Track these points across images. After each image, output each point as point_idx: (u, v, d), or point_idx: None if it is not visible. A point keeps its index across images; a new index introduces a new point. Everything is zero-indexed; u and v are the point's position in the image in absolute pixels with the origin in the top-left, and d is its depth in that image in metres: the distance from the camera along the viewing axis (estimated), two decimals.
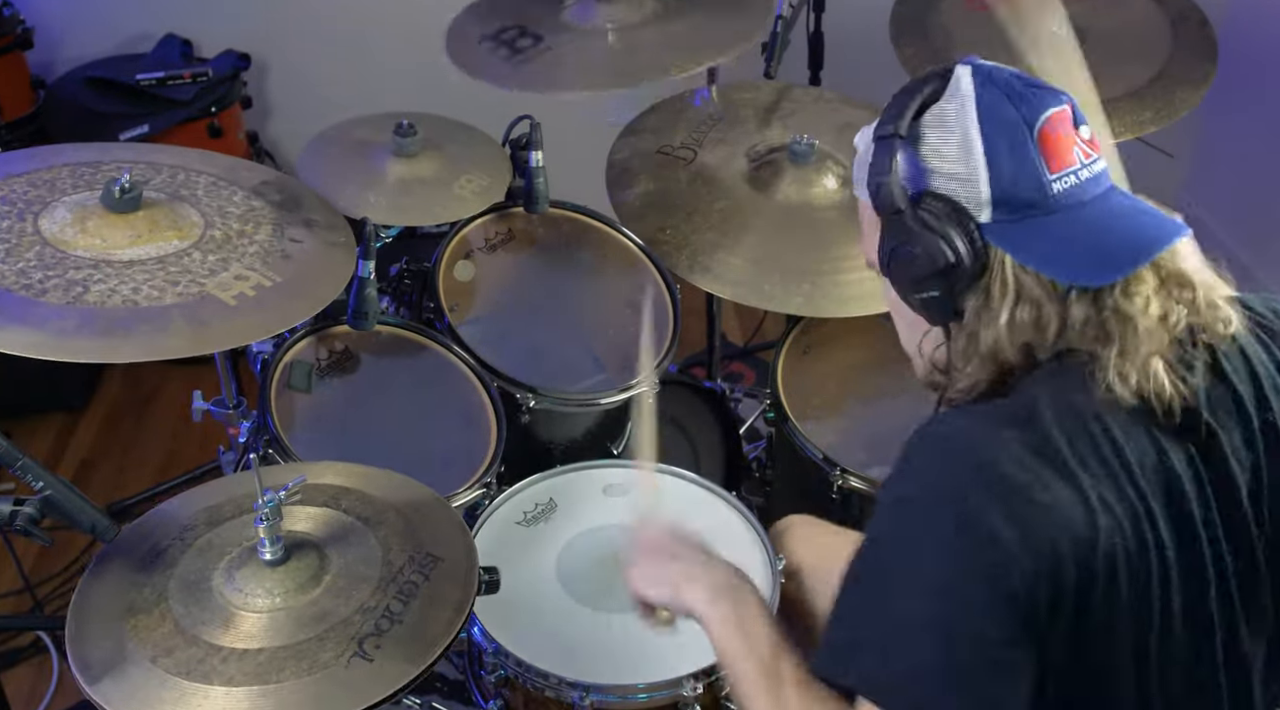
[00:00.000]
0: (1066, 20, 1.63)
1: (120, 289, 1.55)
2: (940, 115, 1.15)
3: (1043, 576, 1.03)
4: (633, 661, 1.59)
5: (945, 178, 1.14)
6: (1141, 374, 1.10)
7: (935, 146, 1.15)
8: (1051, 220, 1.12)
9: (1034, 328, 1.13)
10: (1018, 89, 1.14)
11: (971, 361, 1.17)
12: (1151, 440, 1.10)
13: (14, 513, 1.36)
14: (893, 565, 1.09)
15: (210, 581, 1.41)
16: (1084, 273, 1.11)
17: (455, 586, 1.43)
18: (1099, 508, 1.05)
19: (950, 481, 1.07)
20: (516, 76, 2.11)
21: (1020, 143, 1.12)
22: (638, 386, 1.68)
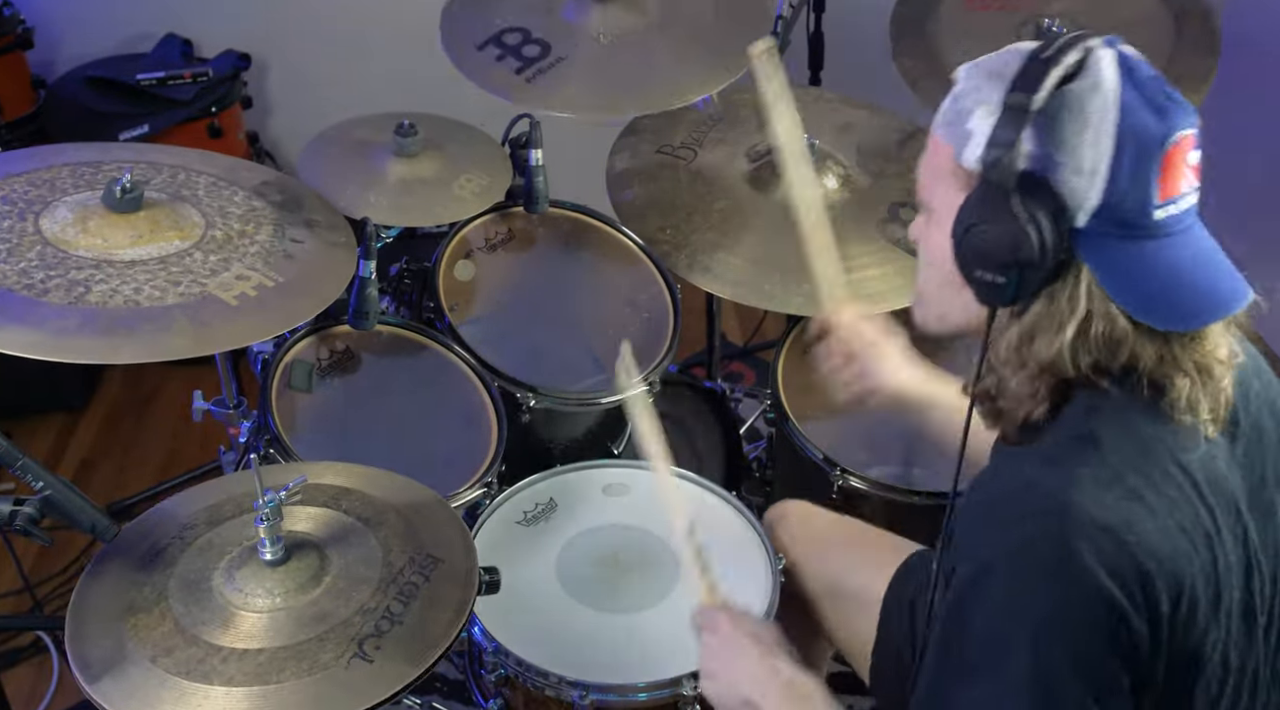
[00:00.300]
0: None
1: (122, 289, 1.55)
2: (1079, 101, 1.07)
3: (1143, 618, 1.04)
4: (632, 661, 1.59)
5: (1059, 168, 1.08)
6: (1211, 403, 1.11)
7: (1065, 134, 1.07)
8: (1141, 246, 1.09)
9: (1105, 350, 1.10)
10: (1159, 99, 1.09)
11: (1022, 370, 1.14)
12: (1213, 458, 1.12)
13: (14, 513, 1.36)
14: (991, 637, 1.07)
15: (210, 581, 1.41)
16: (1161, 316, 1.09)
17: (456, 587, 1.42)
18: (1178, 534, 1.06)
19: (1034, 539, 1.05)
20: (531, 94, 2.06)
21: (1146, 159, 1.07)
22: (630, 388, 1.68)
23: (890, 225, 2.09)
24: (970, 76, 1.15)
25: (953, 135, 1.15)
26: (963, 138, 1.13)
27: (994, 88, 1.11)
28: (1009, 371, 1.15)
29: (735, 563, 1.68)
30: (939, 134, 1.17)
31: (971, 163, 1.12)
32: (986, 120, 1.11)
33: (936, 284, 1.22)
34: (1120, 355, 1.10)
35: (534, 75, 2.06)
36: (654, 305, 2.15)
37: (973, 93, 1.13)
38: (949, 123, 1.16)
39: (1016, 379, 1.14)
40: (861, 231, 2.07)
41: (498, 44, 2.11)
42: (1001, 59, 1.14)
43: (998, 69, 1.12)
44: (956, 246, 1.14)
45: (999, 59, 1.14)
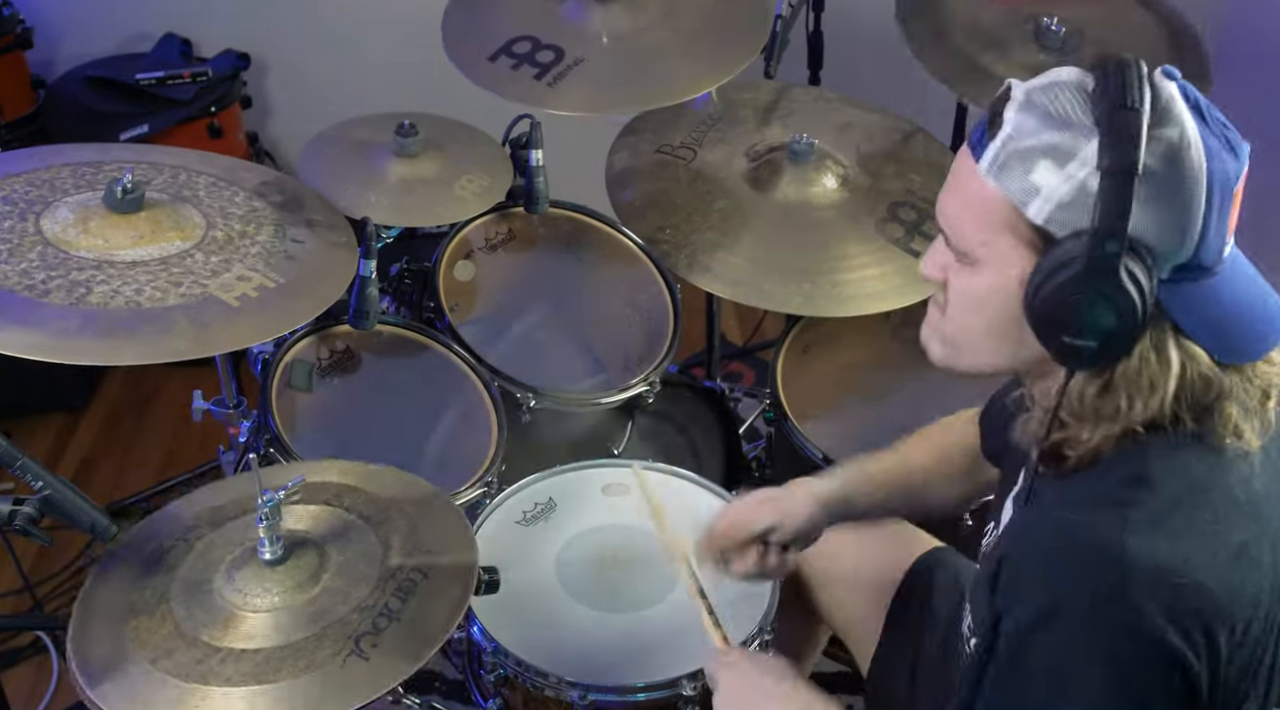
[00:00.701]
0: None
1: (123, 290, 1.55)
2: (1177, 159, 1.02)
3: (1203, 664, 1.02)
4: (632, 661, 1.59)
5: (1160, 228, 1.02)
6: (1260, 423, 1.10)
7: (1164, 192, 1.01)
8: (1210, 284, 1.06)
9: (1199, 396, 1.07)
10: (1226, 134, 1.05)
11: (1100, 423, 1.09)
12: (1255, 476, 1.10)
13: (13, 512, 1.36)
14: (1051, 688, 1.05)
15: (212, 583, 1.42)
16: (1239, 349, 1.08)
17: (455, 584, 1.43)
18: (1231, 565, 1.04)
19: (1094, 591, 1.02)
20: (556, 97, 2.06)
21: (1227, 204, 1.04)
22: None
23: (889, 225, 2.09)
24: (1023, 120, 1.06)
25: (1012, 185, 1.06)
26: (1027, 190, 1.05)
27: (1059, 135, 1.04)
28: (1084, 425, 1.10)
29: None
30: (989, 182, 1.07)
31: (1042, 220, 1.05)
32: (1057, 174, 1.03)
33: (981, 334, 1.15)
34: (1210, 396, 1.08)
35: (555, 80, 2.06)
36: (654, 305, 2.15)
37: (1030, 138, 1.05)
38: (1004, 169, 1.06)
39: (1093, 432, 1.10)
40: (861, 231, 2.07)
41: (509, 54, 2.11)
42: (1056, 98, 1.06)
43: (1058, 112, 1.05)
44: (1039, 312, 1.06)
45: (1052, 98, 1.06)
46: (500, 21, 2.17)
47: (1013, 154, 1.06)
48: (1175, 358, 1.06)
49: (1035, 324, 1.07)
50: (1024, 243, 1.07)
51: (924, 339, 1.23)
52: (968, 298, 1.15)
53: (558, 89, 2.05)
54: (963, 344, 1.18)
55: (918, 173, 2.20)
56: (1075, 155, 1.03)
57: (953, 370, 1.21)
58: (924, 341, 1.23)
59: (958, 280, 1.15)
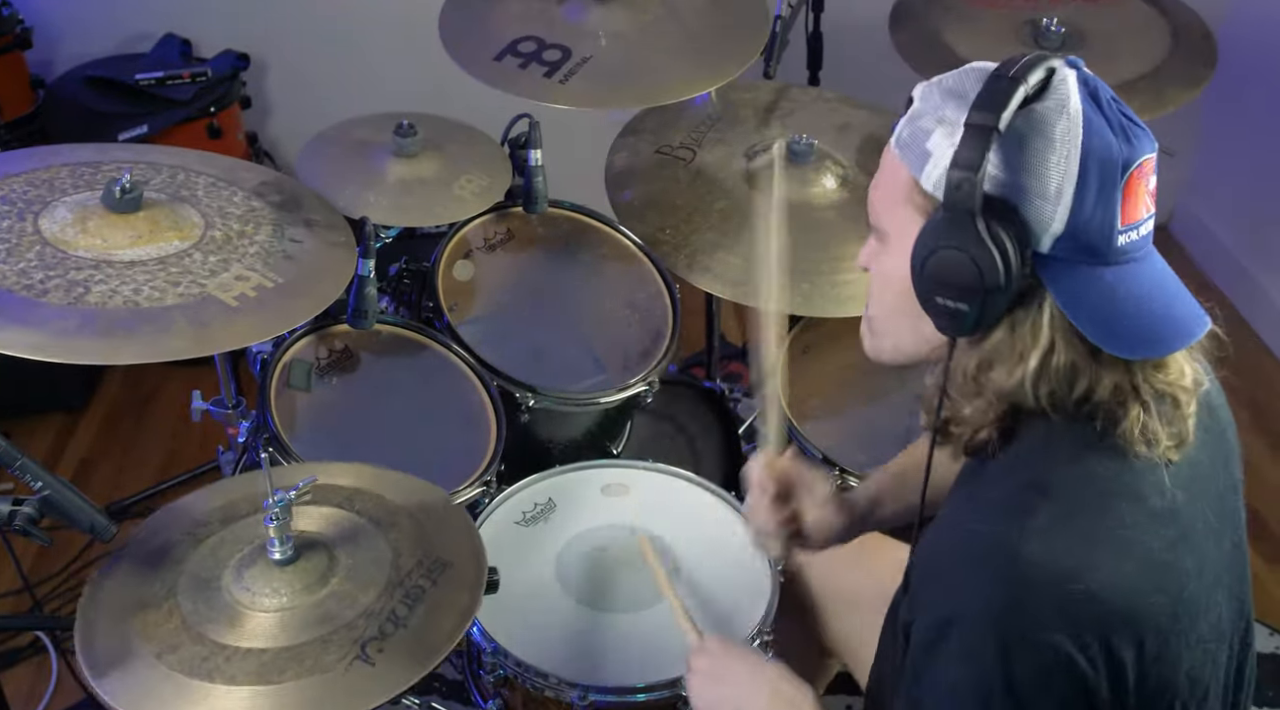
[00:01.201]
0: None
1: (121, 290, 1.55)
2: (1043, 122, 1.05)
3: (1102, 675, 1.02)
4: (631, 661, 1.59)
5: (1024, 192, 1.05)
6: (1174, 430, 1.10)
7: (1030, 156, 1.04)
8: (1103, 272, 1.06)
9: (1065, 381, 1.08)
10: (1121, 121, 1.06)
11: (978, 397, 1.11)
12: (1171, 486, 1.09)
13: (13, 512, 1.36)
14: (948, 697, 1.06)
15: (220, 580, 1.41)
16: (1127, 344, 1.07)
17: (462, 592, 1.42)
18: (1136, 574, 1.04)
19: (989, 600, 1.03)
20: (569, 93, 2.06)
21: (1110, 184, 1.04)
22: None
23: None
24: (928, 96, 1.12)
25: (910, 156, 1.11)
26: (921, 159, 1.10)
27: (954, 107, 1.08)
28: (963, 398, 1.12)
29: (735, 564, 1.69)
30: (895, 154, 1.13)
31: (931, 185, 1.09)
32: (947, 141, 1.07)
33: (889, 312, 1.19)
34: (1078, 386, 1.08)
35: (566, 77, 2.07)
36: (653, 305, 2.15)
37: (931, 112, 1.10)
38: (906, 144, 1.12)
39: (971, 406, 1.12)
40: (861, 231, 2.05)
41: (514, 53, 2.11)
42: (961, 78, 1.10)
43: (957, 88, 1.09)
44: (916, 273, 1.09)
45: (958, 78, 1.11)
46: (501, 23, 2.18)
47: (914, 128, 1.11)
48: (1045, 333, 1.07)
49: (915, 286, 1.10)
50: (920, 212, 1.11)
51: (861, 332, 1.25)
52: (881, 276, 1.19)
53: (570, 86, 2.06)
54: (879, 326, 1.22)
55: None
56: (959, 123, 1.06)
57: (877, 359, 1.23)
58: (861, 334, 1.25)
59: (876, 261, 1.19)
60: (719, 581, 1.69)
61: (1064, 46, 2.29)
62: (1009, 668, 1.02)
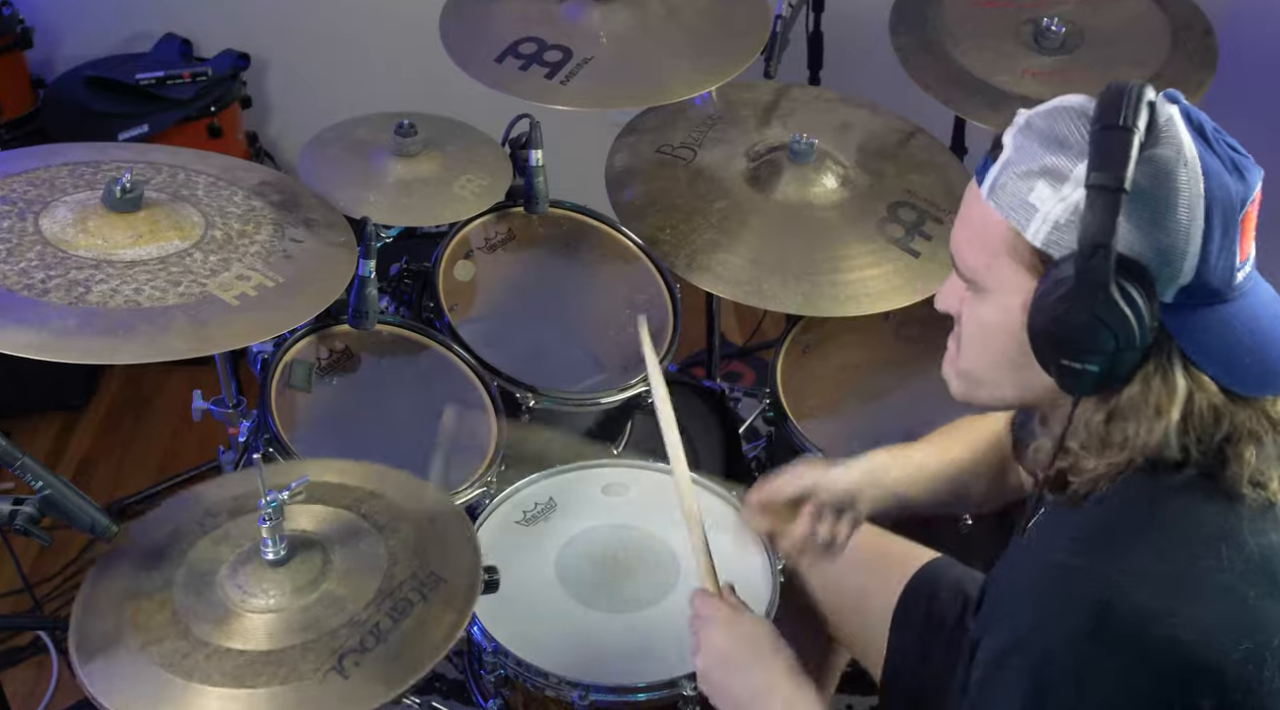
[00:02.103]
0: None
1: (122, 289, 1.55)
2: (1165, 174, 1.01)
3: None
4: (632, 661, 1.59)
5: (1152, 248, 1.00)
6: (1278, 476, 1.06)
7: (1154, 212, 1.00)
8: (1222, 311, 1.04)
9: (1209, 428, 1.04)
10: (1231, 156, 1.03)
11: (1106, 452, 1.07)
12: (1275, 529, 1.06)
13: (13, 512, 1.36)
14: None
15: (216, 575, 1.41)
16: (1255, 382, 1.04)
17: (450, 611, 1.38)
18: (1225, 621, 1.00)
19: (1066, 625, 1.01)
20: (570, 94, 2.07)
21: (1231, 226, 1.01)
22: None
23: (889, 225, 2.09)
24: (1022, 143, 1.07)
25: (1010, 209, 1.06)
26: (1024, 212, 1.05)
27: (1056, 157, 1.04)
28: (1089, 454, 1.08)
29: (735, 563, 1.68)
30: (990, 206, 1.08)
31: (1041, 242, 1.04)
32: (1053, 194, 1.03)
33: (991, 364, 1.15)
34: (1222, 428, 1.04)
35: (567, 78, 2.08)
36: (653, 305, 2.15)
37: (1028, 161, 1.05)
38: (1003, 194, 1.07)
39: (1097, 461, 1.08)
40: (861, 231, 2.07)
41: (515, 55, 2.12)
42: (1055, 120, 1.06)
43: (1055, 135, 1.05)
44: (1037, 335, 1.05)
45: (1051, 120, 1.06)
46: (501, 24, 2.18)
47: (1011, 176, 1.06)
48: (1181, 384, 1.04)
49: (1035, 347, 1.06)
50: (1025, 266, 1.07)
51: (944, 374, 1.22)
52: (978, 327, 1.14)
53: (571, 87, 2.06)
54: (978, 376, 1.17)
55: (918, 173, 2.20)
56: (1069, 176, 1.03)
57: (972, 404, 1.20)
58: (944, 376, 1.22)
59: (969, 310, 1.15)
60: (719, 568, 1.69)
61: (1064, 46, 2.29)
62: (1081, 698, 1.00)
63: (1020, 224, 1.06)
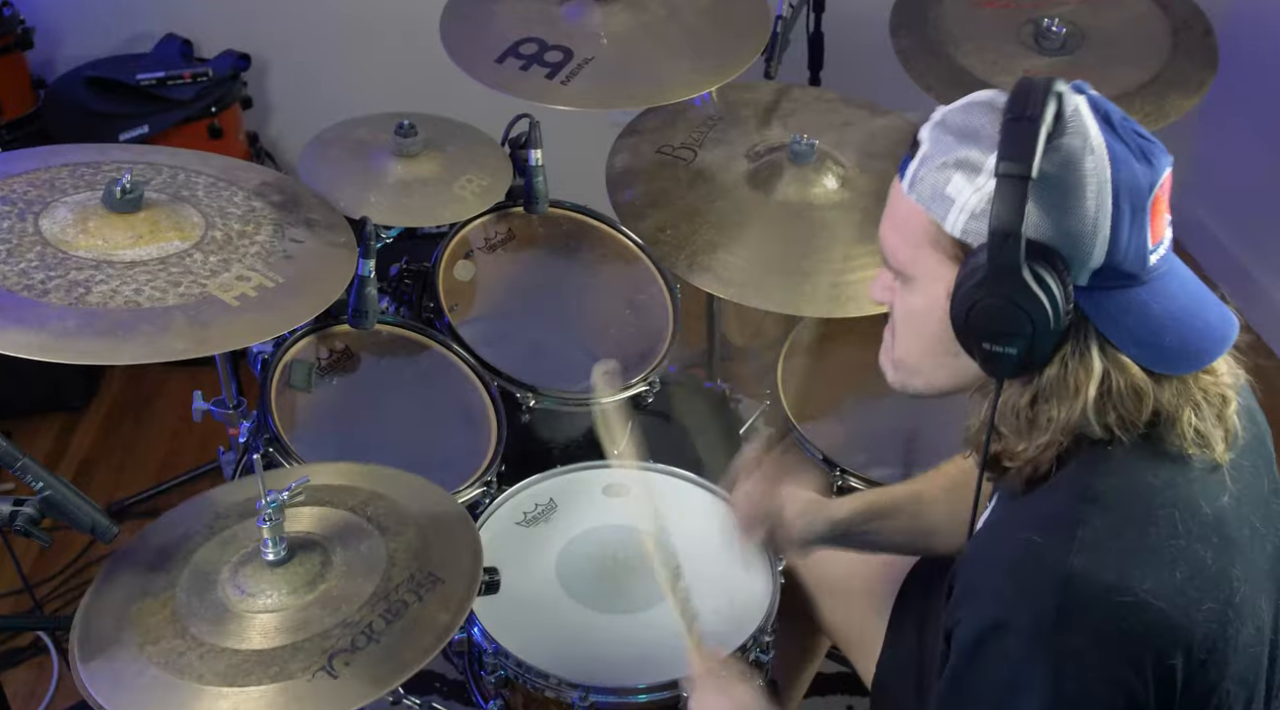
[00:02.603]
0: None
1: (122, 290, 1.55)
2: (1072, 161, 1.04)
3: (1150, 690, 1.02)
4: (632, 662, 1.59)
5: (1063, 233, 1.04)
6: (1223, 431, 1.10)
7: (1062, 198, 1.04)
8: (1138, 292, 1.07)
9: (1130, 404, 1.07)
10: (1139, 143, 1.06)
11: (1033, 433, 1.10)
12: (1222, 488, 1.09)
13: (14, 513, 1.36)
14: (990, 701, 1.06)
15: (219, 575, 1.41)
16: (1173, 361, 1.07)
17: (444, 612, 1.38)
18: (1186, 583, 1.03)
19: (1038, 614, 1.02)
20: (570, 94, 2.07)
21: (1140, 210, 1.04)
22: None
23: None
24: (938, 138, 1.10)
25: (929, 201, 1.10)
26: (942, 204, 1.09)
27: (970, 150, 1.08)
28: (1018, 437, 1.11)
29: (736, 564, 1.68)
30: (909, 198, 1.12)
31: (959, 232, 1.08)
32: (969, 185, 1.07)
33: (921, 352, 1.19)
34: (1145, 406, 1.07)
35: (568, 78, 2.08)
36: (653, 305, 2.15)
37: (943, 154, 1.09)
38: (922, 188, 1.11)
39: (1027, 443, 1.11)
40: (861, 231, 2.07)
41: (516, 55, 2.12)
42: (967, 115, 1.10)
43: (969, 129, 1.09)
44: (958, 321, 1.09)
45: (964, 115, 1.10)
46: (502, 25, 2.18)
47: (929, 170, 1.10)
48: (1097, 363, 1.07)
49: (958, 333, 1.10)
50: (947, 256, 1.10)
51: (880, 364, 1.26)
52: (908, 316, 1.19)
53: (572, 87, 2.06)
54: (911, 365, 1.21)
55: None
56: (983, 167, 1.06)
57: (906, 391, 1.23)
58: (881, 366, 1.26)
59: (899, 301, 1.19)
60: (720, 582, 1.69)
61: (1064, 47, 2.29)
62: (1058, 681, 1.02)
63: (939, 215, 1.09)
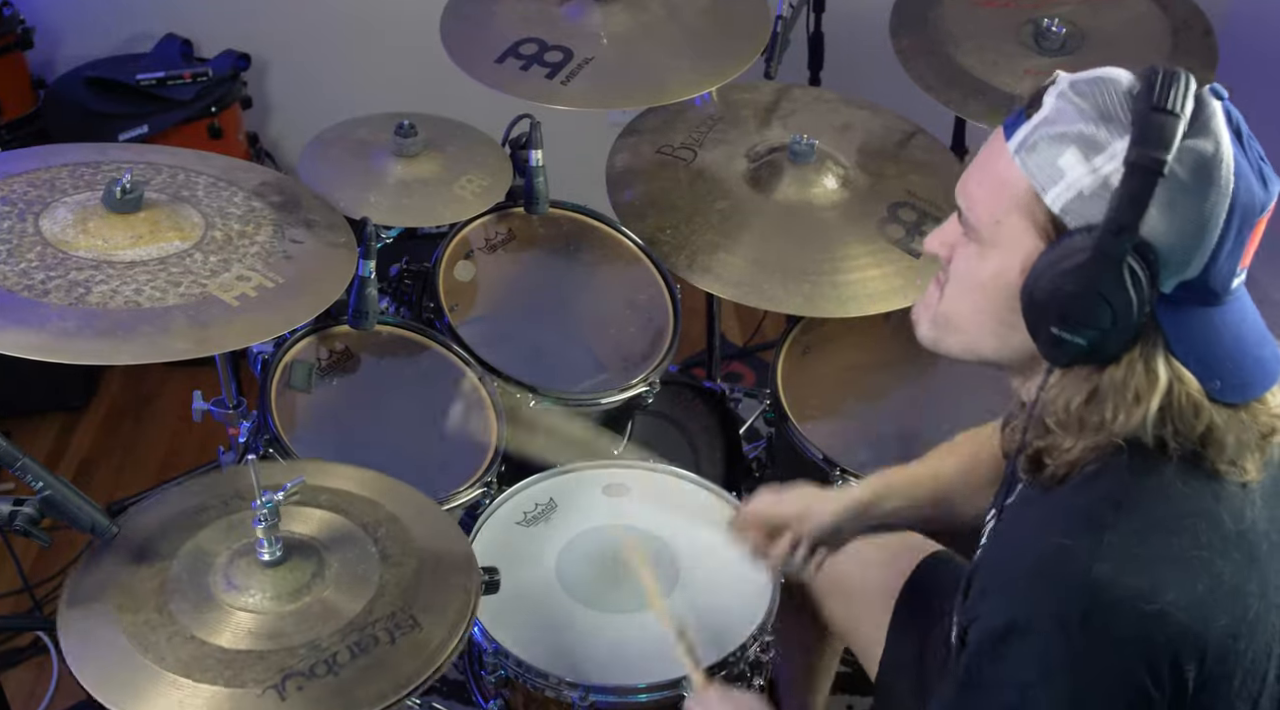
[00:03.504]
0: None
1: (122, 290, 1.55)
2: (1201, 166, 1.00)
3: (1166, 689, 1.01)
4: (632, 661, 1.59)
5: (1170, 236, 1.00)
6: (1259, 458, 1.08)
7: (1182, 200, 1.00)
8: (1214, 313, 1.05)
9: (1188, 420, 1.05)
10: (1259, 164, 1.03)
11: (1083, 433, 1.07)
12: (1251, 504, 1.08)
13: (14, 513, 1.36)
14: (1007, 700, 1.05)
15: (215, 559, 1.41)
16: (1230, 385, 1.05)
17: (411, 661, 1.32)
18: (1207, 596, 1.02)
19: (1061, 616, 1.02)
20: (570, 94, 2.07)
21: (1245, 231, 1.02)
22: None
23: (890, 225, 2.09)
24: (1063, 107, 1.05)
25: (1036, 167, 1.05)
26: (1050, 175, 1.04)
27: (1095, 127, 1.03)
28: (1067, 434, 1.08)
29: (736, 564, 1.68)
30: (1014, 159, 1.06)
31: (1059, 207, 1.04)
32: (1082, 164, 1.02)
33: (974, 312, 1.13)
34: (1201, 424, 1.05)
35: (568, 78, 2.08)
36: (654, 305, 2.15)
37: (1065, 124, 1.04)
38: (1032, 150, 1.05)
39: (1075, 442, 1.08)
40: (861, 231, 2.07)
41: (516, 55, 2.12)
42: (1099, 90, 1.04)
43: (1098, 105, 1.03)
44: (1035, 298, 1.05)
45: (1095, 89, 1.04)
46: (502, 25, 2.18)
47: (1044, 137, 1.05)
48: (1164, 374, 1.05)
49: (1028, 311, 1.06)
50: (1036, 228, 1.06)
51: (914, 315, 1.21)
52: (970, 277, 1.13)
53: (572, 87, 2.07)
54: (954, 323, 1.16)
55: (918, 173, 2.20)
56: (1105, 149, 1.02)
57: (936, 349, 1.19)
58: (914, 317, 1.21)
59: (963, 259, 1.14)
60: (720, 582, 1.69)
61: (1064, 47, 2.29)
62: (1076, 684, 1.01)
63: (1042, 186, 1.04)
